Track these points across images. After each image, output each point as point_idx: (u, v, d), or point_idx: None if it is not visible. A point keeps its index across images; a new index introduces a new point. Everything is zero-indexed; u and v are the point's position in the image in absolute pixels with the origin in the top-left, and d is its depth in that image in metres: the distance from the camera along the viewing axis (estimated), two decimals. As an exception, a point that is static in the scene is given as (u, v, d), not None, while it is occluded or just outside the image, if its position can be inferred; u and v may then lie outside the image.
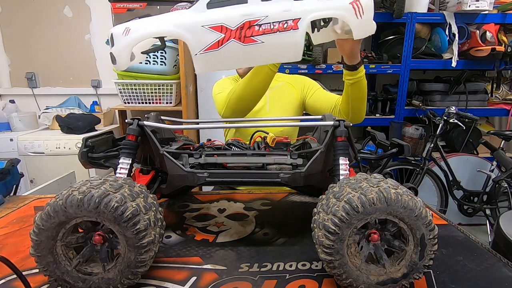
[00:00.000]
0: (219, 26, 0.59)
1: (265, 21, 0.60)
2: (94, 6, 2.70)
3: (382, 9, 2.35)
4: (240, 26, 0.59)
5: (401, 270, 0.55)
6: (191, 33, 0.59)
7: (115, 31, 0.61)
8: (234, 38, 0.60)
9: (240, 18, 0.59)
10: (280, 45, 0.62)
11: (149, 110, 2.29)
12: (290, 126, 1.33)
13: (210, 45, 0.59)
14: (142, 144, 0.71)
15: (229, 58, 0.62)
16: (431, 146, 2.33)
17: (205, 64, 0.61)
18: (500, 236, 1.28)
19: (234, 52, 0.60)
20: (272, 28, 0.60)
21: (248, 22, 0.59)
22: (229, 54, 0.60)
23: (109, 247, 0.56)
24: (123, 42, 0.60)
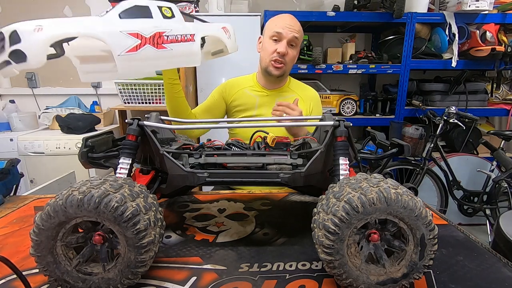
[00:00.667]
0: (136, 33, 0.70)
1: (170, 33, 0.75)
2: (94, 6, 2.70)
3: (382, 9, 2.35)
4: (152, 35, 0.71)
5: (401, 270, 0.55)
6: (110, 37, 0.66)
7: (21, 27, 0.60)
8: (149, 44, 0.71)
9: (152, 28, 0.71)
10: (184, 52, 0.78)
11: (149, 110, 2.28)
12: (290, 126, 1.33)
13: (129, 48, 0.68)
14: (142, 144, 0.71)
15: (146, 60, 0.72)
16: (431, 146, 2.33)
17: (128, 64, 0.69)
18: (500, 236, 1.28)
19: (150, 56, 0.71)
20: (177, 39, 0.76)
21: (158, 32, 0.73)
22: (146, 57, 0.71)
23: (109, 247, 0.56)
24: (37, 38, 0.59)
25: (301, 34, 1.28)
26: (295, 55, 1.29)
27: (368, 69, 2.44)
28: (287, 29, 1.23)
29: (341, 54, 2.57)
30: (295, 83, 1.43)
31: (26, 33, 0.59)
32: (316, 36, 2.82)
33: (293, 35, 1.23)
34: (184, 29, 0.79)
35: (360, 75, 2.92)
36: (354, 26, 2.62)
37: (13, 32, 0.59)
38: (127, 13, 0.71)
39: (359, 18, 2.37)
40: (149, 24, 0.72)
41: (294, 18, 1.28)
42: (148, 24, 0.72)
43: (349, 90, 2.70)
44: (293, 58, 1.28)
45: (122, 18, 0.70)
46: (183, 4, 2.56)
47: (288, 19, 1.27)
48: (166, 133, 0.84)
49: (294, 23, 1.26)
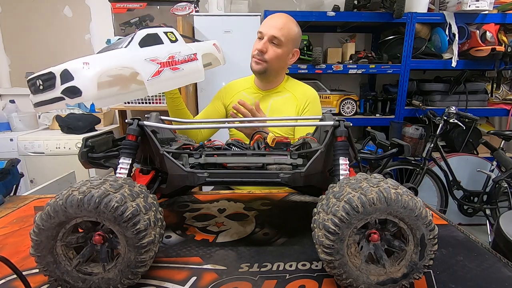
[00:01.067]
0: (155, 59, 0.79)
1: (179, 55, 0.85)
2: (94, 6, 2.70)
3: (382, 9, 2.35)
4: (168, 59, 0.82)
5: (401, 270, 0.55)
6: (138, 65, 0.75)
7: (71, 66, 0.66)
8: (167, 67, 0.82)
9: (166, 53, 0.82)
10: (192, 70, 0.89)
11: (149, 110, 2.29)
12: (290, 126, 1.33)
13: (153, 73, 0.78)
14: (142, 144, 0.71)
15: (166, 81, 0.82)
16: (431, 146, 2.33)
17: (154, 87, 0.79)
18: (500, 236, 1.28)
19: (169, 77, 0.82)
20: (185, 60, 0.87)
21: (171, 56, 0.83)
22: (165, 78, 0.81)
23: (109, 247, 0.56)
24: (88, 74, 0.66)
25: (285, 32, 1.22)
26: (279, 53, 1.24)
27: (368, 69, 2.44)
28: (268, 27, 1.23)
29: (341, 54, 2.57)
30: (292, 83, 1.40)
31: (77, 71, 0.65)
32: (316, 36, 2.82)
33: (272, 33, 1.21)
34: (188, 50, 0.90)
35: (360, 75, 2.92)
36: (354, 26, 2.62)
37: (64, 71, 0.65)
38: (143, 42, 0.80)
39: (359, 18, 2.37)
40: (163, 49, 0.82)
41: (282, 18, 1.25)
42: (161, 49, 0.82)
43: (349, 90, 2.70)
44: (275, 57, 1.24)
45: (142, 47, 0.79)
46: (183, 4, 2.57)
47: (274, 18, 1.26)
48: (166, 133, 0.84)
49: (278, 22, 1.23)
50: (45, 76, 0.68)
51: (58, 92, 0.66)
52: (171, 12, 2.58)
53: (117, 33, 2.63)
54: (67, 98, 0.66)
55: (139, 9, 2.62)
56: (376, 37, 2.87)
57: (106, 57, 0.73)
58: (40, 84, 0.68)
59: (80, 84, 0.64)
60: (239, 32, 2.28)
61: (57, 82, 0.66)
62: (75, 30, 2.73)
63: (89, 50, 2.77)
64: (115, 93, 0.89)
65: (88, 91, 0.65)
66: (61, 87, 0.65)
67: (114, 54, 0.75)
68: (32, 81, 0.70)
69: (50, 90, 0.67)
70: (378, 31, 2.84)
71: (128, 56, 0.75)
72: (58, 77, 0.66)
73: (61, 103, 0.67)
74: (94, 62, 0.67)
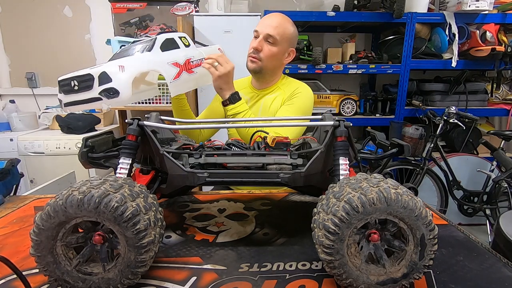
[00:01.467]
0: (176, 63, 0.86)
1: (193, 59, 0.93)
2: (94, 6, 2.70)
3: (382, 9, 2.35)
4: (185, 63, 0.89)
5: (401, 270, 0.55)
6: (163, 68, 0.82)
7: (109, 69, 0.70)
8: (184, 70, 0.90)
9: (183, 57, 0.89)
10: (204, 73, 0.97)
11: (149, 110, 2.29)
12: (289, 126, 1.33)
13: (174, 75, 0.85)
14: (142, 144, 0.71)
15: (185, 83, 0.92)
16: (431, 146, 2.33)
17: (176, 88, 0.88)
18: (500, 236, 1.28)
19: (186, 80, 0.90)
20: (198, 63, 0.95)
21: (187, 60, 0.91)
22: (184, 81, 0.90)
23: (109, 247, 0.56)
24: (124, 77, 0.70)
25: (281, 31, 1.22)
26: (274, 52, 1.24)
27: (368, 69, 2.44)
28: (264, 26, 1.24)
29: (341, 54, 2.57)
30: (287, 82, 1.38)
31: (114, 73, 0.70)
32: (316, 36, 2.82)
33: (267, 31, 1.21)
34: (200, 54, 0.96)
35: (360, 75, 2.92)
36: (354, 26, 2.62)
37: (102, 73, 0.69)
38: (164, 46, 0.86)
39: (359, 18, 2.37)
40: (180, 53, 0.89)
41: (277, 17, 1.25)
42: (179, 53, 0.88)
43: (349, 90, 2.70)
44: (270, 55, 1.24)
45: (163, 51, 0.85)
46: (183, 4, 2.57)
47: (269, 17, 1.26)
48: (166, 133, 0.84)
49: (273, 21, 1.23)
50: (81, 78, 0.70)
51: (96, 92, 0.69)
52: (171, 12, 2.58)
53: (117, 33, 2.63)
54: (105, 99, 0.70)
55: (139, 9, 2.62)
56: (376, 37, 2.87)
57: (136, 61, 0.78)
58: (75, 85, 0.71)
59: (117, 85, 0.69)
60: (239, 32, 2.28)
61: (95, 83, 0.69)
62: (75, 30, 2.73)
63: (89, 50, 2.77)
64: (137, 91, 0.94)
65: (125, 92, 0.70)
66: (99, 88, 0.69)
67: (142, 58, 0.80)
68: (66, 81, 0.73)
69: (87, 91, 0.70)
70: (378, 31, 2.84)
71: (153, 60, 0.81)
72: (97, 78, 0.69)
73: (98, 103, 0.71)
74: (128, 66, 0.72)
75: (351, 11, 2.36)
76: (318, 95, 2.51)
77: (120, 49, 0.92)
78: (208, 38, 2.31)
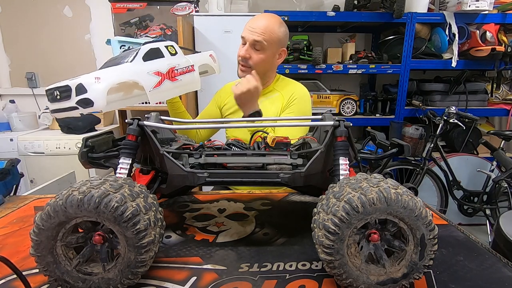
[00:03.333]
0: (157, 72, 0.88)
1: (178, 67, 0.94)
2: (94, 6, 2.70)
3: (382, 9, 2.35)
4: (168, 71, 0.90)
5: (401, 270, 0.55)
6: (142, 78, 0.84)
7: (85, 81, 0.75)
8: (167, 78, 0.90)
9: (166, 66, 0.90)
10: (189, 81, 0.97)
11: (149, 110, 2.29)
12: (289, 126, 1.33)
13: (155, 84, 0.87)
14: (142, 144, 0.71)
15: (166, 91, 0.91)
16: (431, 146, 2.33)
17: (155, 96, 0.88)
18: (500, 236, 1.28)
19: (169, 87, 0.91)
20: (183, 71, 0.95)
21: (171, 68, 0.92)
22: (166, 89, 0.90)
23: (109, 247, 0.56)
24: (99, 88, 0.75)
25: (267, 36, 1.18)
26: (263, 58, 1.21)
27: (368, 69, 2.44)
28: (249, 32, 1.19)
29: (341, 54, 2.57)
30: (283, 82, 1.36)
31: (89, 84, 0.75)
32: (316, 36, 2.82)
33: (253, 38, 1.17)
34: (186, 62, 0.98)
35: (360, 75, 2.92)
36: (354, 26, 2.62)
37: (78, 85, 0.75)
38: (147, 56, 0.89)
39: (359, 18, 2.37)
40: (164, 62, 0.91)
41: (262, 20, 1.20)
42: (162, 62, 0.91)
43: (349, 90, 2.70)
44: (260, 62, 1.21)
45: (145, 61, 0.88)
46: (183, 4, 2.57)
47: (254, 21, 1.21)
48: (166, 133, 0.84)
49: (259, 26, 1.18)
50: (62, 88, 0.77)
51: (73, 102, 0.75)
52: (171, 12, 2.58)
53: (117, 33, 2.63)
54: (81, 108, 0.75)
55: (139, 9, 2.62)
56: (376, 37, 2.87)
57: (114, 71, 0.82)
58: (57, 95, 0.78)
59: (92, 96, 0.74)
60: (239, 32, 2.25)
61: (72, 93, 0.75)
62: (75, 30, 2.73)
63: (89, 50, 2.77)
64: (120, 98, 0.96)
65: (99, 102, 0.74)
66: (76, 98, 0.74)
67: (121, 68, 0.84)
68: (50, 91, 0.80)
69: (66, 100, 0.76)
70: (378, 31, 2.84)
71: (133, 70, 0.84)
72: (74, 89, 0.75)
73: (75, 112, 0.77)
74: (104, 77, 0.77)
75: (351, 11, 2.36)
76: (318, 95, 2.52)
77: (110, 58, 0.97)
78: (208, 38, 2.31)
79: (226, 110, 1.39)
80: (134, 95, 1.00)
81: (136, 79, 0.84)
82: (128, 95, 0.98)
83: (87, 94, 0.74)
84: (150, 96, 0.86)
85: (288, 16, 2.23)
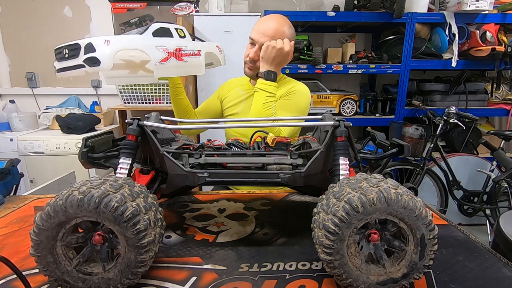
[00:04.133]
0: (165, 48, 0.91)
1: (185, 49, 0.97)
2: (94, 6, 2.70)
3: (382, 9, 2.35)
4: (175, 50, 0.93)
5: (401, 270, 0.55)
6: (150, 50, 0.87)
7: (95, 41, 0.77)
8: (173, 57, 0.93)
9: (174, 45, 0.93)
10: (195, 64, 1.01)
11: (149, 110, 2.29)
12: (289, 126, 1.33)
13: (161, 59, 0.89)
14: (142, 144, 0.71)
15: (171, 68, 0.94)
16: (431, 146, 2.33)
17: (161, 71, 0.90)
18: (500, 236, 1.28)
19: (174, 65, 0.94)
20: (189, 54, 0.99)
21: (178, 48, 0.95)
22: (171, 66, 0.93)
23: (109, 247, 0.56)
24: (107, 49, 0.77)
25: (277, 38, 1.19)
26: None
27: (368, 69, 2.44)
28: (259, 35, 1.22)
29: (341, 54, 2.58)
30: (285, 81, 1.37)
31: (99, 45, 0.76)
32: (316, 36, 2.82)
33: (264, 41, 1.19)
34: (194, 46, 1.01)
35: (360, 75, 2.92)
36: (354, 26, 2.62)
37: (88, 44, 0.77)
38: (157, 32, 0.92)
39: (359, 18, 2.37)
40: (172, 42, 0.94)
41: (272, 23, 1.22)
42: (171, 41, 0.94)
43: (349, 90, 2.71)
44: None
45: (155, 37, 0.91)
46: (183, 4, 2.57)
47: (264, 24, 1.23)
48: (166, 133, 0.84)
49: (268, 28, 1.21)
50: (72, 46, 0.79)
51: (80, 60, 0.76)
52: (171, 12, 2.59)
53: (117, 33, 2.64)
54: (87, 66, 0.76)
55: (139, 9, 2.62)
56: (376, 37, 2.87)
57: (124, 38, 0.84)
58: (66, 53, 0.79)
59: (100, 55, 0.75)
60: (239, 32, 2.28)
61: (81, 52, 0.77)
62: (75, 30, 2.73)
63: (89, 50, 2.77)
64: (125, 75, 1.01)
65: (106, 62, 0.76)
66: (84, 56, 0.76)
67: (131, 37, 0.87)
68: (59, 49, 0.82)
69: (74, 58, 0.78)
70: (378, 31, 2.84)
71: (142, 42, 0.87)
72: (83, 48, 0.77)
73: (81, 70, 0.78)
74: (113, 41, 0.79)
75: (351, 11, 2.36)
76: (318, 95, 2.52)
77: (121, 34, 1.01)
78: (208, 38, 2.31)
79: (227, 102, 1.42)
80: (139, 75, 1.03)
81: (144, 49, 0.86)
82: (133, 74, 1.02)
83: (95, 53, 0.76)
84: (156, 70, 0.88)
85: (288, 16, 2.19)
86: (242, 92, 1.39)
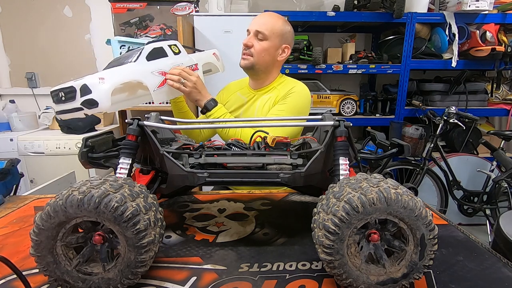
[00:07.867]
0: (161, 72, 0.91)
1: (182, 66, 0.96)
2: (94, 6, 2.70)
3: (382, 9, 2.35)
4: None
5: (401, 270, 0.55)
6: (146, 78, 0.87)
7: (89, 81, 0.76)
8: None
9: (170, 65, 0.93)
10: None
11: (149, 110, 2.29)
12: (288, 126, 1.32)
13: (159, 84, 0.90)
14: (142, 144, 0.71)
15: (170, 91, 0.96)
16: (431, 146, 2.33)
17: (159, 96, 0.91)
18: (500, 236, 1.28)
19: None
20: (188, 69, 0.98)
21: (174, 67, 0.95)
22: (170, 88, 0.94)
23: (109, 247, 0.56)
24: (103, 88, 0.76)
25: (269, 27, 1.24)
26: (265, 47, 1.25)
27: (368, 69, 2.44)
28: (253, 24, 1.27)
29: (341, 54, 2.57)
30: (284, 82, 1.36)
31: (94, 85, 0.75)
32: (316, 36, 2.82)
33: (256, 28, 1.24)
34: (190, 61, 1.00)
35: (360, 75, 2.92)
36: (354, 26, 2.62)
37: (83, 85, 0.75)
38: (150, 55, 0.90)
39: (359, 18, 2.37)
40: (167, 61, 0.93)
41: (267, 14, 1.29)
42: (166, 62, 0.92)
43: (349, 90, 2.70)
44: (261, 49, 1.25)
45: (149, 61, 0.89)
46: (183, 4, 2.57)
47: (260, 16, 1.30)
48: (166, 133, 0.84)
49: (262, 18, 1.27)
50: (67, 89, 0.77)
51: (78, 103, 0.76)
52: (171, 12, 2.58)
53: (117, 33, 2.63)
54: (85, 109, 0.76)
55: (139, 9, 2.62)
56: (376, 37, 2.87)
57: (118, 72, 0.83)
58: (62, 96, 0.78)
59: (97, 97, 0.74)
60: (239, 32, 2.27)
61: (77, 94, 0.75)
62: (75, 30, 2.73)
63: (89, 50, 2.77)
64: (125, 98, 0.97)
65: (104, 102, 0.75)
66: (81, 99, 0.75)
67: (125, 69, 0.85)
68: (55, 92, 0.80)
69: (71, 101, 0.77)
70: (378, 31, 2.84)
71: (136, 70, 0.85)
72: (78, 90, 0.75)
73: (80, 113, 0.78)
74: (108, 77, 0.77)
75: (351, 11, 2.36)
76: (318, 95, 2.52)
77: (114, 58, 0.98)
78: (208, 38, 2.31)
79: (227, 108, 1.40)
80: (138, 95, 1.01)
81: (140, 79, 0.84)
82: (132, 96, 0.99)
83: (91, 94, 0.74)
84: (154, 96, 0.87)
85: (288, 16, 2.20)
86: (242, 96, 1.38)
